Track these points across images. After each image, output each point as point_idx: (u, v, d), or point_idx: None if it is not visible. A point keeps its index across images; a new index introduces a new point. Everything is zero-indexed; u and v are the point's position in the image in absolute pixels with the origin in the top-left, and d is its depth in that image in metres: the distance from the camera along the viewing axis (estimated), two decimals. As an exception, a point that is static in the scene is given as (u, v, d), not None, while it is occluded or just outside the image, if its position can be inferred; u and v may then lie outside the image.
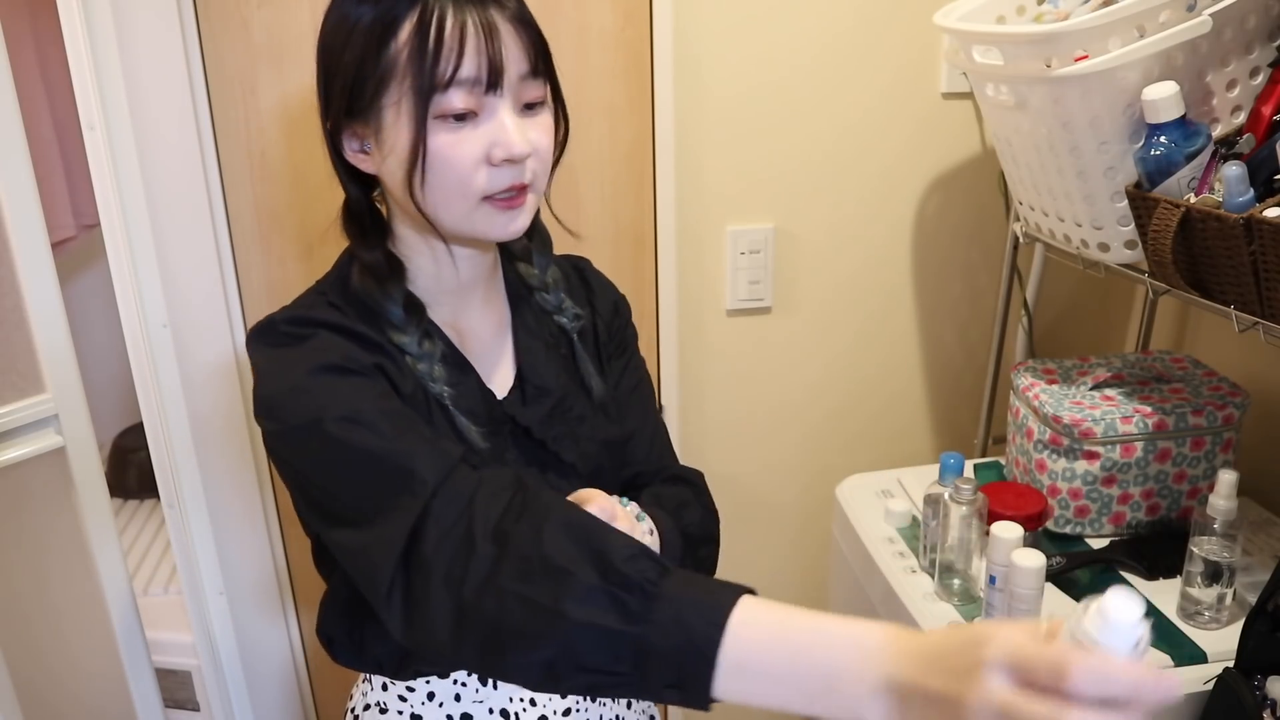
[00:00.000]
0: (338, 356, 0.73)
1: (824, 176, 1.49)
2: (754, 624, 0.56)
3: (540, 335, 0.89)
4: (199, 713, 1.55)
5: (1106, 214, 1.10)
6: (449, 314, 0.85)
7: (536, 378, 0.86)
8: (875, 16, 1.42)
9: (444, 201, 0.75)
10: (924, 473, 1.35)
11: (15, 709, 1.14)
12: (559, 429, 0.86)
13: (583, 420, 0.88)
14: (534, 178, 0.77)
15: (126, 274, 1.26)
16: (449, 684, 0.90)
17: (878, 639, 0.53)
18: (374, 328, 0.79)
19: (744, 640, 0.55)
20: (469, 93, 0.71)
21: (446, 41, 0.70)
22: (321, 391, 0.71)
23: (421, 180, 0.74)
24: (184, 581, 1.42)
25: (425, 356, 0.80)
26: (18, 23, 1.69)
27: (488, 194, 0.75)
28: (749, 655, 0.55)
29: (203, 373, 1.35)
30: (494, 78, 0.72)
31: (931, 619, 1.12)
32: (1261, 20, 1.00)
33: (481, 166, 0.73)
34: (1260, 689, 0.92)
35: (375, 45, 0.71)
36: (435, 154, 0.72)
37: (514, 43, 0.73)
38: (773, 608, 0.57)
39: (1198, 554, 1.04)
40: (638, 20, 1.34)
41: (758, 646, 0.55)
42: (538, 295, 0.91)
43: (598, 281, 0.97)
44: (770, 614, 0.56)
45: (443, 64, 0.70)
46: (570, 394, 0.88)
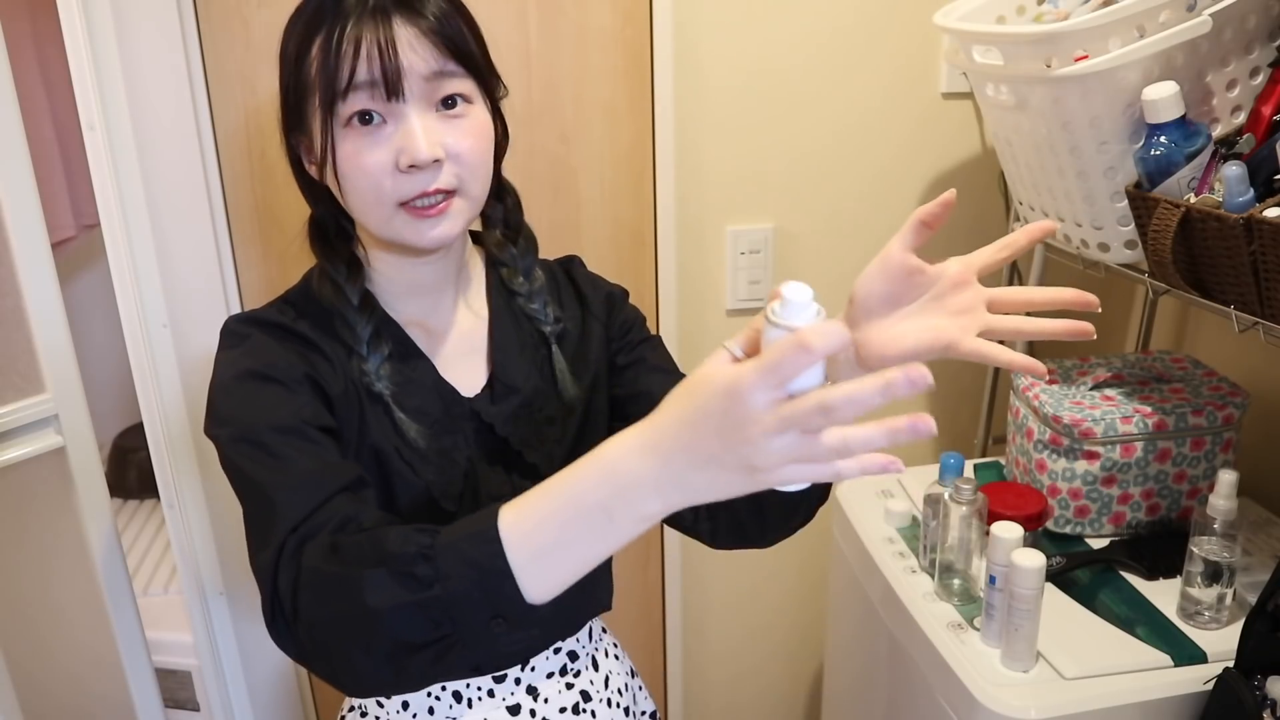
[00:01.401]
0: (262, 363, 0.77)
1: (824, 176, 1.50)
2: (520, 518, 0.59)
3: (518, 337, 0.89)
4: (199, 713, 1.55)
5: (1106, 214, 1.10)
6: (418, 312, 0.87)
7: (507, 377, 0.87)
8: (875, 16, 1.42)
9: (363, 208, 0.77)
10: (924, 473, 1.35)
11: (15, 709, 1.14)
12: (524, 429, 0.86)
13: (551, 422, 0.87)
14: (458, 182, 0.77)
15: (126, 274, 1.26)
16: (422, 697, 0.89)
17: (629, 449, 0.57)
18: (324, 327, 0.82)
19: (520, 536, 0.59)
20: (370, 97, 0.73)
21: (345, 49, 0.72)
22: (238, 400, 0.75)
23: (339, 188, 0.77)
24: (184, 581, 1.42)
25: (374, 356, 0.82)
26: (18, 23, 1.69)
27: (402, 200, 0.76)
28: (532, 544, 0.59)
29: (203, 373, 1.34)
30: (392, 84, 0.73)
31: (932, 619, 1.12)
32: (1261, 20, 1.01)
33: (390, 173, 0.74)
34: (1260, 689, 0.92)
35: (297, 61, 0.77)
36: (345, 161, 0.75)
37: (421, 46, 0.74)
38: (528, 496, 0.60)
39: (1198, 554, 1.04)
40: (638, 20, 1.34)
41: (534, 531, 0.59)
42: (518, 300, 0.91)
43: (586, 281, 0.97)
44: (529, 501, 0.60)
45: (340, 71, 0.73)
46: (541, 395, 0.88)
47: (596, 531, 0.58)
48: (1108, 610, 1.10)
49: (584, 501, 0.58)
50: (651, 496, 0.56)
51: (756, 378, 0.51)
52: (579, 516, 0.58)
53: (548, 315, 0.90)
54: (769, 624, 1.73)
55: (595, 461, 0.58)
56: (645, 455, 0.56)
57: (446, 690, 0.90)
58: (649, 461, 0.56)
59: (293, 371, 0.77)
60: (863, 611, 1.31)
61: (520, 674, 0.91)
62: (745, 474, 0.53)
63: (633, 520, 0.57)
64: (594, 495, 0.58)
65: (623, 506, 0.57)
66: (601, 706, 0.96)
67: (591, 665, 0.96)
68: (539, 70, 1.34)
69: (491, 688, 0.90)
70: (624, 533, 0.58)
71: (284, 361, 0.77)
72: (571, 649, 0.94)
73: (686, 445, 0.54)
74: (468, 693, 0.90)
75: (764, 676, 1.79)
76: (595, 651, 0.97)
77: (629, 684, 1.02)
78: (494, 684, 0.90)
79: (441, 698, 0.90)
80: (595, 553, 0.59)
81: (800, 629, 1.74)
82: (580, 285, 0.95)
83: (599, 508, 0.57)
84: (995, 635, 1.05)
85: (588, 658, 0.96)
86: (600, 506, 0.57)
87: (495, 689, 0.90)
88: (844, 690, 1.47)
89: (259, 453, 0.72)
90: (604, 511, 0.57)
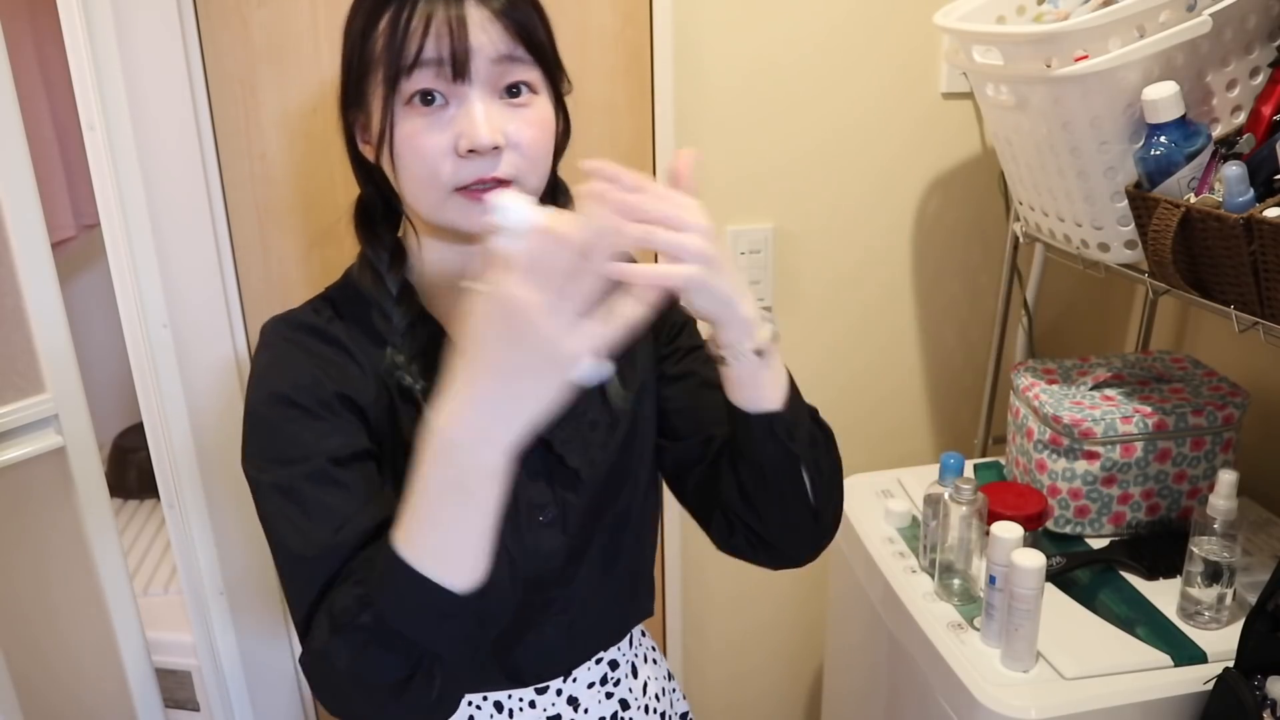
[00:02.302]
0: (289, 385, 0.76)
1: (824, 177, 1.49)
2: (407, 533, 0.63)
3: None
4: (199, 713, 1.55)
5: (1106, 214, 1.10)
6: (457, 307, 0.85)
7: None
8: (875, 16, 1.42)
9: (417, 191, 0.75)
10: (924, 473, 1.35)
11: (15, 709, 1.14)
12: (568, 431, 0.83)
13: (595, 427, 0.85)
14: (516, 172, 0.75)
15: (126, 274, 1.26)
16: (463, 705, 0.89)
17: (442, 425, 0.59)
18: (360, 324, 0.81)
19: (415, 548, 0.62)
20: (435, 76, 0.71)
21: (413, 26, 0.71)
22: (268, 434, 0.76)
23: (394, 168, 0.75)
24: (184, 581, 1.42)
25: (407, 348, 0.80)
26: (18, 23, 1.69)
27: (458, 186, 0.74)
28: (427, 547, 0.62)
29: (203, 373, 1.35)
30: (459, 64, 0.71)
31: (932, 619, 1.12)
32: (1261, 20, 1.00)
33: (448, 157, 0.72)
34: (1260, 689, 0.92)
35: (362, 36, 0.75)
36: (402, 141, 0.73)
37: (490, 28, 0.72)
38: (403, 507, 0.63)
39: (1198, 554, 1.04)
40: (638, 20, 1.34)
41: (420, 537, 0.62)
42: None
43: None
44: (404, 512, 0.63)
45: (407, 48, 0.71)
46: (586, 398, 0.85)
47: (464, 506, 0.60)
48: (1108, 610, 1.10)
49: (435, 488, 0.60)
50: (482, 447, 0.58)
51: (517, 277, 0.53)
52: (442, 504, 0.60)
53: None
54: (769, 624, 1.73)
55: (426, 444, 0.60)
56: (460, 412, 0.58)
57: (488, 701, 0.89)
58: (465, 414, 0.58)
59: (320, 393, 0.76)
60: (863, 611, 1.31)
61: (562, 685, 0.90)
62: (554, 365, 0.55)
63: (482, 479, 0.59)
64: (439, 478, 0.60)
65: (467, 473, 0.59)
66: (639, 714, 0.95)
67: (631, 673, 0.96)
68: (539, 70, 1.34)
69: (533, 699, 0.89)
70: (485, 493, 0.60)
71: (312, 382, 0.77)
72: (613, 658, 0.94)
73: (488, 376, 0.56)
74: (509, 703, 0.89)
75: (764, 677, 1.79)
76: (635, 658, 0.97)
77: (666, 687, 1.02)
78: (535, 695, 0.89)
79: (483, 707, 0.89)
80: (480, 523, 0.61)
81: (800, 629, 1.74)
82: None
83: (450, 487, 0.59)
84: (995, 635, 1.05)
85: (628, 665, 0.95)
86: (449, 485, 0.59)
87: (536, 700, 0.89)
88: (844, 690, 1.47)
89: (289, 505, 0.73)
90: (456, 487, 0.59)
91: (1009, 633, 1.01)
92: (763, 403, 0.78)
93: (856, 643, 1.37)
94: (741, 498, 0.83)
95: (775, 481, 0.81)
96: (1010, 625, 1.01)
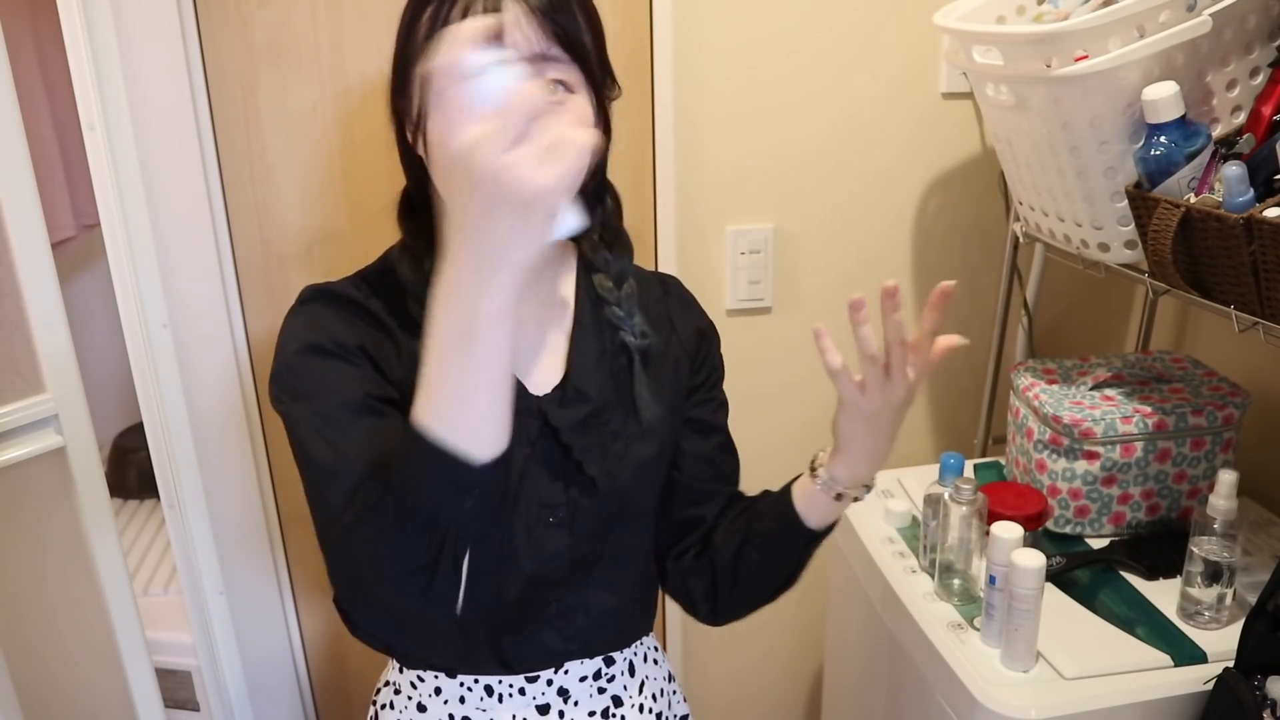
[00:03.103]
0: (323, 337, 0.79)
1: (824, 176, 1.49)
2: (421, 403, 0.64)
3: (599, 344, 0.87)
4: (199, 713, 1.55)
5: (1106, 214, 1.10)
6: None
7: (581, 381, 0.85)
8: (875, 16, 1.42)
9: None
10: (924, 473, 1.35)
11: (15, 709, 1.14)
12: (589, 438, 0.84)
13: (617, 437, 0.85)
14: None
15: (126, 274, 1.26)
16: (455, 684, 0.90)
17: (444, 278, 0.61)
18: (396, 307, 0.83)
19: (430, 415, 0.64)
20: None
21: (453, 18, 0.74)
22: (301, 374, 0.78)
23: (427, 155, 0.77)
24: (184, 581, 1.42)
25: None
26: (18, 23, 1.69)
27: None
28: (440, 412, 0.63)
29: (203, 373, 1.35)
30: None
31: (932, 619, 1.12)
32: (1261, 20, 1.01)
33: None
34: (1260, 689, 0.92)
35: (407, 34, 0.78)
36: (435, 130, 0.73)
37: (528, 26, 0.73)
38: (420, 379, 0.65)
39: (1198, 554, 1.04)
40: (638, 20, 1.33)
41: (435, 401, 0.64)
42: (607, 307, 0.88)
43: (681, 303, 0.95)
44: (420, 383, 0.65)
45: None
46: (612, 407, 0.86)
47: (471, 355, 0.61)
48: (1108, 610, 1.10)
49: (443, 343, 0.62)
50: (479, 292, 0.60)
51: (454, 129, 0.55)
52: (451, 357, 0.62)
53: (634, 326, 0.88)
54: (769, 623, 1.73)
55: (434, 301, 0.62)
56: (455, 265, 0.60)
57: (479, 683, 0.90)
58: (459, 266, 0.60)
59: (350, 345, 0.79)
60: (863, 611, 1.31)
61: (553, 675, 0.91)
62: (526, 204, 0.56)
63: (485, 324, 0.60)
64: (445, 331, 0.62)
65: (469, 318, 0.60)
66: (633, 712, 0.95)
67: (627, 670, 0.96)
68: (539, 70, 1.34)
69: (523, 686, 0.90)
70: (489, 338, 0.61)
71: (343, 334, 0.80)
72: (609, 654, 0.94)
73: (472, 229, 0.58)
74: (499, 688, 0.90)
75: (764, 676, 1.79)
76: (634, 656, 0.97)
77: (665, 688, 1.02)
78: (526, 683, 0.90)
79: (474, 689, 0.90)
80: (489, 378, 0.63)
81: (800, 629, 1.74)
82: (673, 308, 0.94)
83: (456, 336, 0.61)
84: (995, 635, 1.05)
85: (624, 663, 0.96)
86: (455, 335, 0.61)
87: (527, 688, 0.90)
88: (844, 690, 1.47)
89: (324, 425, 0.75)
90: (461, 335, 0.61)
91: (1009, 633, 1.01)
92: (821, 523, 0.86)
93: (856, 642, 1.37)
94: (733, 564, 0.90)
95: (776, 573, 0.89)
96: (1010, 625, 1.01)
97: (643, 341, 0.88)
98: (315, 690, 1.58)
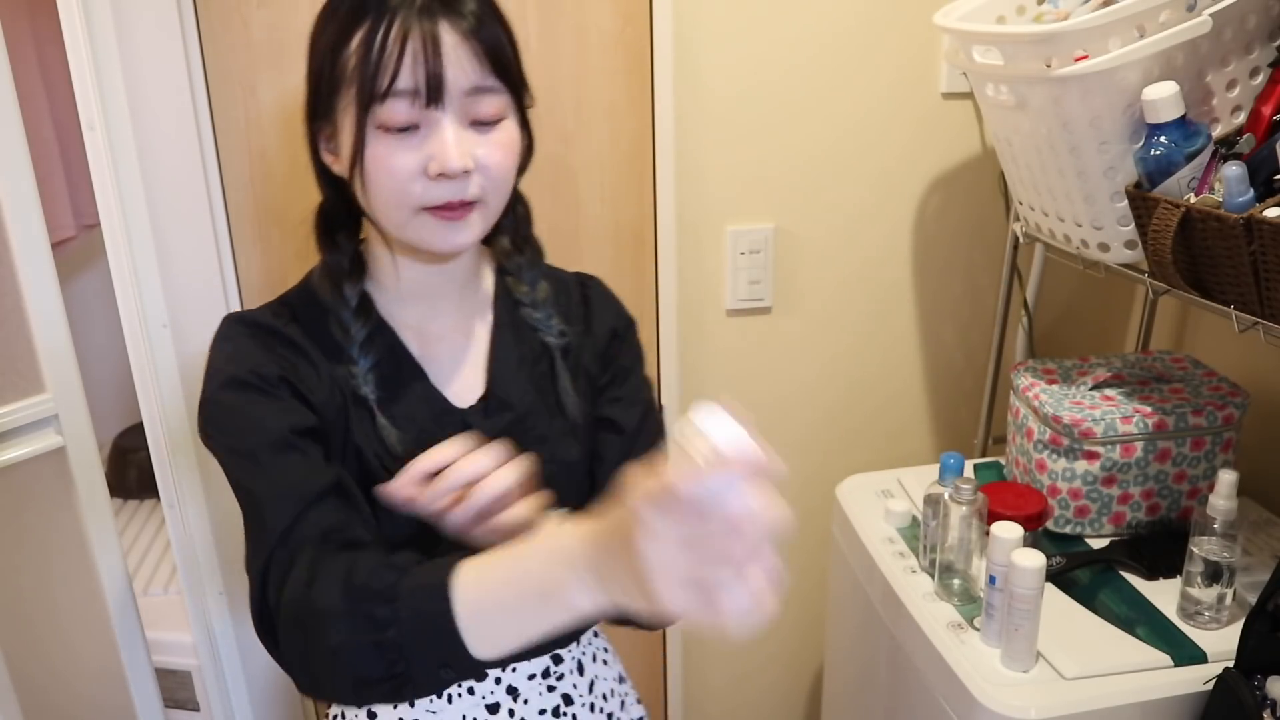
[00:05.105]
0: (243, 370, 0.78)
1: (824, 176, 1.49)
2: (473, 581, 0.62)
3: (519, 350, 0.89)
4: (199, 713, 1.55)
5: (1106, 214, 1.10)
6: (416, 317, 0.86)
7: (503, 391, 0.86)
8: (875, 16, 1.42)
9: (383, 209, 0.77)
10: (924, 473, 1.35)
11: (15, 709, 1.14)
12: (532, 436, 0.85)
13: (543, 441, 0.86)
14: (482, 194, 0.77)
15: (126, 274, 1.26)
16: None
17: (569, 537, 0.58)
18: (317, 329, 0.82)
19: (470, 599, 0.62)
20: (410, 105, 0.72)
21: (388, 52, 0.71)
22: (226, 412, 0.78)
23: (363, 186, 0.76)
24: (184, 581, 1.42)
25: (364, 359, 0.82)
26: (18, 23, 1.69)
27: (425, 205, 0.76)
28: (479, 609, 0.61)
29: (203, 373, 1.35)
30: (434, 92, 0.72)
31: (931, 619, 1.12)
32: (1261, 20, 1.01)
33: (418, 178, 0.74)
34: (1260, 689, 0.92)
35: (332, 51, 0.74)
36: (373, 161, 0.74)
37: (464, 56, 0.73)
38: (485, 562, 0.63)
39: (1198, 554, 1.04)
40: (638, 20, 1.33)
41: (482, 597, 0.62)
42: (523, 310, 0.90)
43: (600, 302, 0.95)
44: (484, 565, 0.63)
45: (382, 75, 0.71)
46: (535, 412, 0.87)
47: (533, 610, 0.60)
48: (1108, 610, 1.10)
49: (527, 580, 0.60)
50: (581, 592, 0.57)
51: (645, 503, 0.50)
52: (522, 592, 0.60)
53: (552, 326, 0.89)
54: (768, 624, 1.73)
55: (545, 547, 0.60)
56: (584, 552, 0.56)
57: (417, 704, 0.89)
58: (586, 558, 0.56)
59: (270, 374, 0.78)
60: (863, 611, 1.31)
61: (501, 674, 0.91)
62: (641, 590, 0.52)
63: (564, 609, 0.58)
64: (536, 578, 0.59)
65: (558, 595, 0.58)
66: (584, 711, 0.95)
67: (577, 669, 0.95)
68: (539, 71, 1.33)
69: (472, 685, 0.90)
70: (557, 618, 0.59)
71: (264, 364, 0.79)
72: (556, 653, 0.94)
73: (613, 549, 0.54)
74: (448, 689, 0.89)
75: (764, 677, 1.79)
76: (582, 656, 0.97)
77: (616, 689, 1.01)
78: (474, 682, 0.90)
79: None
80: (534, 628, 0.60)
81: (800, 629, 1.74)
82: (592, 306, 0.94)
83: (538, 590, 0.59)
84: (995, 635, 1.05)
85: (573, 661, 0.95)
86: (540, 590, 0.59)
87: (475, 686, 0.90)
88: (844, 690, 1.47)
89: (248, 465, 0.75)
90: (542, 595, 0.59)
91: (1009, 633, 1.01)
92: None
93: (856, 643, 1.37)
94: None
95: None
96: (1010, 625, 1.01)
97: (562, 340, 0.89)
98: (315, 690, 1.58)
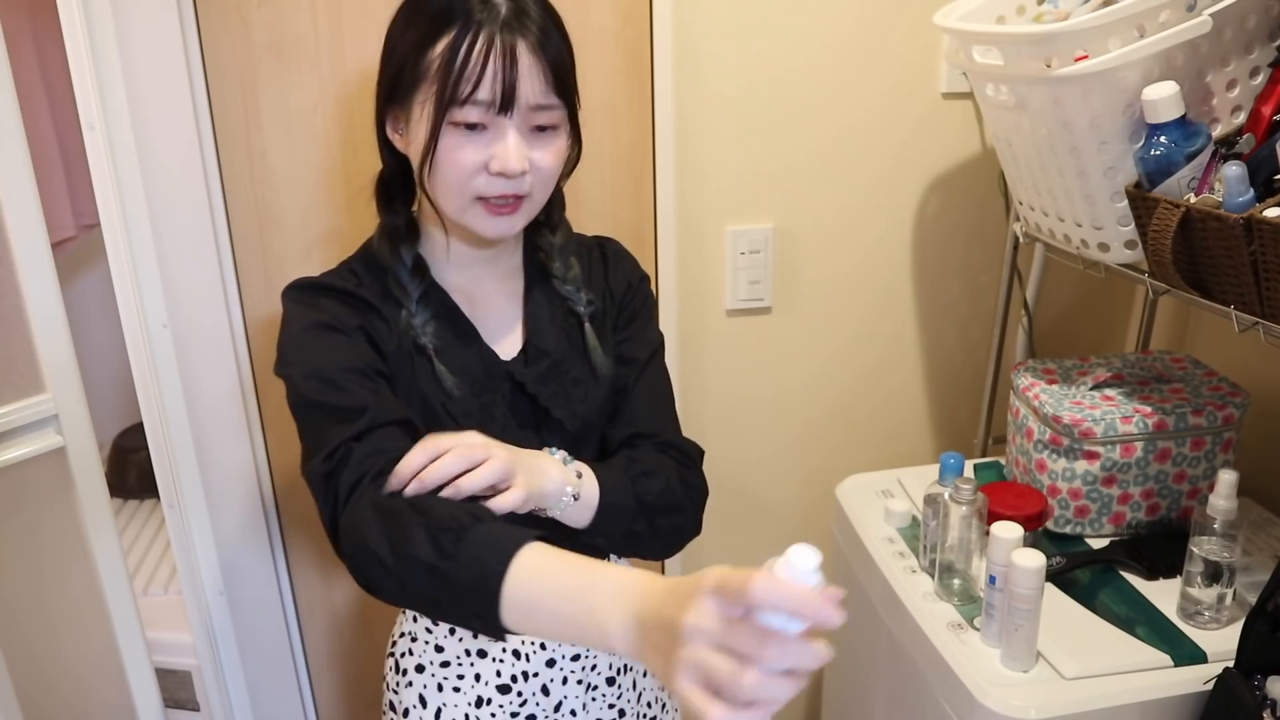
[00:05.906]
0: (326, 314, 0.88)
1: (824, 176, 1.49)
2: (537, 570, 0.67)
3: (550, 308, 0.98)
4: (199, 713, 1.55)
5: (1106, 214, 1.10)
6: (464, 280, 0.96)
7: (540, 341, 0.96)
8: (875, 16, 1.42)
9: (444, 193, 0.87)
10: (924, 473, 1.35)
11: (15, 709, 1.14)
12: (553, 387, 0.94)
13: (578, 384, 0.96)
14: (532, 191, 0.87)
15: (126, 274, 1.26)
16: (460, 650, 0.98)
17: (634, 581, 0.62)
18: (382, 289, 0.92)
19: (523, 579, 0.67)
20: (484, 111, 0.82)
21: (471, 63, 0.80)
22: (308, 346, 0.86)
23: (429, 171, 0.86)
24: (184, 581, 1.42)
25: (421, 313, 0.92)
26: (18, 23, 1.69)
27: (481, 196, 0.86)
28: (530, 597, 0.66)
29: (203, 373, 1.35)
30: (506, 103, 0.82)
31: (931, 619, 1.12)
32: (1261, 20, 1.01)
33: (480, 173, 0.85)
34: (1260, 689, 0.92)
35: (415, 51, 0.84)
36: (443, 153, 0.84)
37: (533, 72, 0.83)
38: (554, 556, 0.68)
39: (1198, 554, 1.04)
40: (638, 20, 1.33)
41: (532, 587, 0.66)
42: (555, 281, 0.99)
43: (616, 260, 1.05)
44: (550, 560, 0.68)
45: (464, 83, 0.81)
46: (569, 357, 0.97)
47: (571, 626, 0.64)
48: (1108, 610, 1.10)
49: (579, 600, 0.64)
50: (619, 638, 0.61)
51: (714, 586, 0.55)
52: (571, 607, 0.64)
53: (580, 298, 0.99)
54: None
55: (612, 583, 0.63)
56: (640, 607, 0.60)
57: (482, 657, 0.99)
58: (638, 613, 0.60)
59: (351, 323, 0.88)
60: (863, 611, 1.31)
61: None
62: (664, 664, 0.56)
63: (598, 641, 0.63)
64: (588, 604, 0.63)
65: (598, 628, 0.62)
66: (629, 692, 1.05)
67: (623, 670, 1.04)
68: (539, 70, 1.34)
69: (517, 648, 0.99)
70: (588, 641, 0.64)
71: (344, 315, 0.88)
72: None
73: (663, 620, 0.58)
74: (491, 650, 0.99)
75: (764, 676, 1.79)
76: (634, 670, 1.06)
77: None
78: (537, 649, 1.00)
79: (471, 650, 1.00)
80: (563, 637, 0.66)
81: (800, 629, 1.74)
82: (609, 263, 1.04)
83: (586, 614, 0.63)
84: (995, 635, 1.05)
85: None
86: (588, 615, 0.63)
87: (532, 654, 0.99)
88: (844, 690, 1.47)
89: (326, 386, 0.83)
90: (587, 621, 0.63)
91: (1009, 633, 1.01)
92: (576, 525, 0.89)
93: (856, 643, 1.37)
94: None
95: None
96: (1010, 625, 1.01)
97: (589, 309, 0.99)
98: (315, 690, 1.58)
